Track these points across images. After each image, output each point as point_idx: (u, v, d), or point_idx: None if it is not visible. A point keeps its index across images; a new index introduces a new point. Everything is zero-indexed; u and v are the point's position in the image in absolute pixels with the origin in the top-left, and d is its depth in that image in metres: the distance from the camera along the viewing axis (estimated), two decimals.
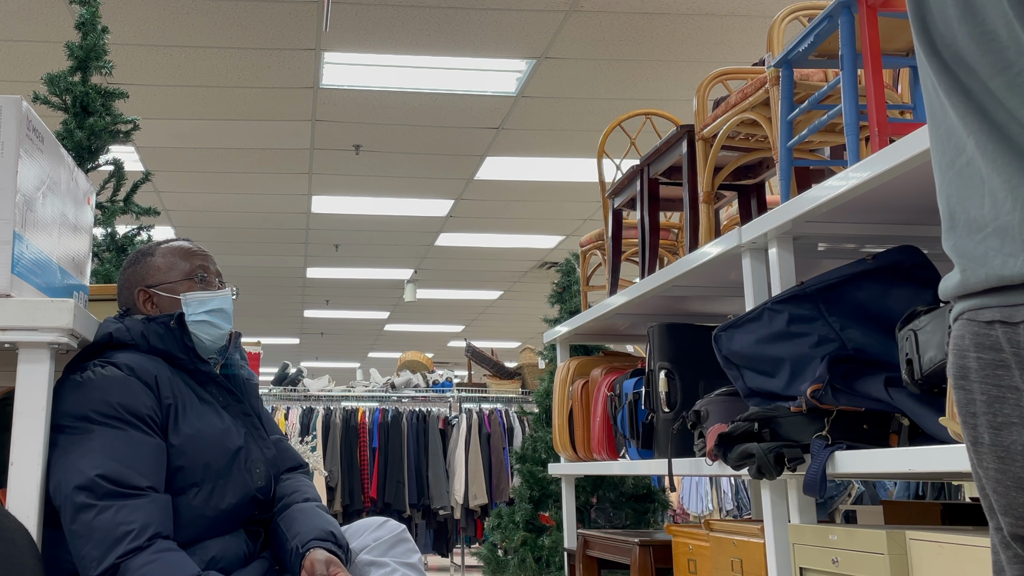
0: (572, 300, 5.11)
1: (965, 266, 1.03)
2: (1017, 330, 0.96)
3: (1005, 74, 0.98)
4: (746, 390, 2.11)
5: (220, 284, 2.03)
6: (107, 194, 3.43)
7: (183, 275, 1.98)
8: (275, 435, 2.09)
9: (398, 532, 1.95)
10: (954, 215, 1.05)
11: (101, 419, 1.75)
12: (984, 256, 1.00)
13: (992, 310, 0.99)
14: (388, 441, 7.67)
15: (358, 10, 5.14)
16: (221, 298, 1.98)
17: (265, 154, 7.38)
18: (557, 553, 4.45)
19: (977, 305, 1.01)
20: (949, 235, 1.06)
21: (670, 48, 5.62)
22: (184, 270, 1.99)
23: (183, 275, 1.98)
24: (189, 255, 2.02)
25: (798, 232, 2.14)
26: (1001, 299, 0.98)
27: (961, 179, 1.04)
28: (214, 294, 1.98)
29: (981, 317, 1.00)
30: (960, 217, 1.04)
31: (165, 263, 2.00)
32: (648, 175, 3.03)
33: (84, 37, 3.29)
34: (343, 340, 15.76)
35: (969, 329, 1.02)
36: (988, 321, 0.99)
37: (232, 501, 1.85)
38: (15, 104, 1.68)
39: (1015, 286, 0.97)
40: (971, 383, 1.01)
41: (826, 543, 1.88)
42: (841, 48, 1.96)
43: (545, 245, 9.99)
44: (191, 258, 2.01)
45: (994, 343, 0.98)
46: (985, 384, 1.00)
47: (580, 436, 3.36)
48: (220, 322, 1.96)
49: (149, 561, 1.65)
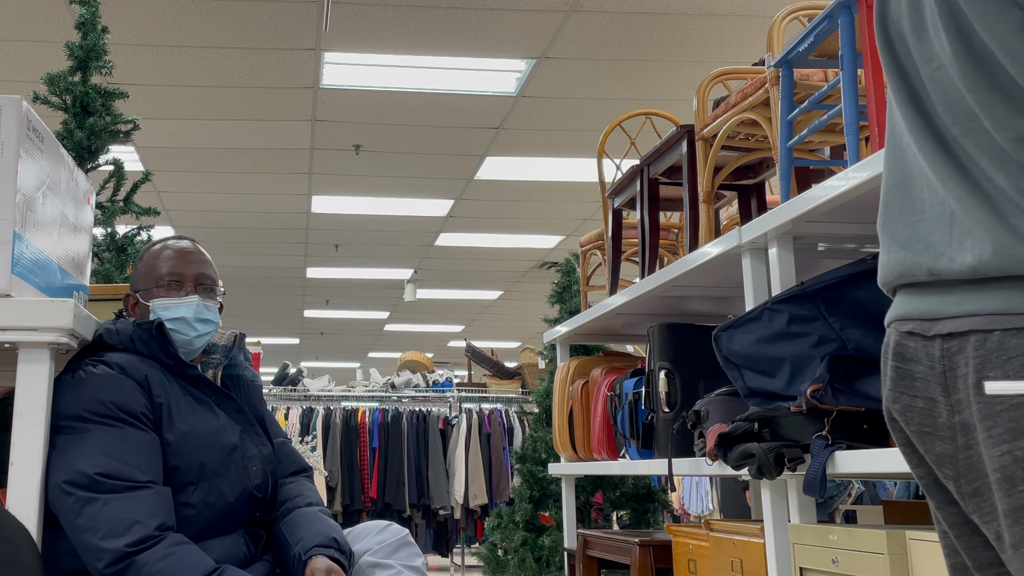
0: (572, 300, 5.11)
1: (889, 248, 1.06)
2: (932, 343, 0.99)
3: (928, 66, 1.01)
4: (746, 390, 2.11)
5: (191, 290, 1.98)
6: (107, 194, 3.43)
7: (155, 282, 1.98)
8: (279, 438, 2.09)
9: (402, 536, 1.96)
10: (889, 196, 1.08)
11: (95, 418, 1.76)
12: (908, 241, 1.02)
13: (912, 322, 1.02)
14: (388, 441, 7.67)
15: (358, 10, 5.14)
16: (185, 306, 1.95)
17: (265, 154, 7.38)
18: (557, 553, 4.45)
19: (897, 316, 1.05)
20: (882, 214, 1.09)
21: (670, 48, 5.62)
22: (156, 276, 1.98)
23: (155, 282, 1.98)
24: (166, 259, 1.99)
25: (798, 232, 2.14)
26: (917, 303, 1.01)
27: (900, 162, 1.07)
28: (179, 301, 1.95)
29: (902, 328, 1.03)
30: (894, 199, 1.07)
31: (145, 268, 2.00)
32: (648, 175, 3.03)
33: (84, 37, 3.29)
34: (343, 340, 15.76)
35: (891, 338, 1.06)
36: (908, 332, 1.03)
37: (230, 499, 1.86)
38: (15, 104, 1.68)
39: (932, 283, 1.00)
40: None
41: (826, 543, 1.88)
42: (841, 48, 1.96)
43: (545, 245, 9.99)
44: (167, 263, 1.99)
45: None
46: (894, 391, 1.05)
47: (580, 436, 3.36)
48: (182, 329, 1.95)
49: (166, 555, 1.66)
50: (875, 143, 1.86)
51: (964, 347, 0.93)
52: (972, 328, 0.93)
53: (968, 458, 0.95)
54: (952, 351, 0.95)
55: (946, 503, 1.03)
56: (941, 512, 1.04)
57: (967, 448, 0.94)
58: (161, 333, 1.89)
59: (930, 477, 1.04)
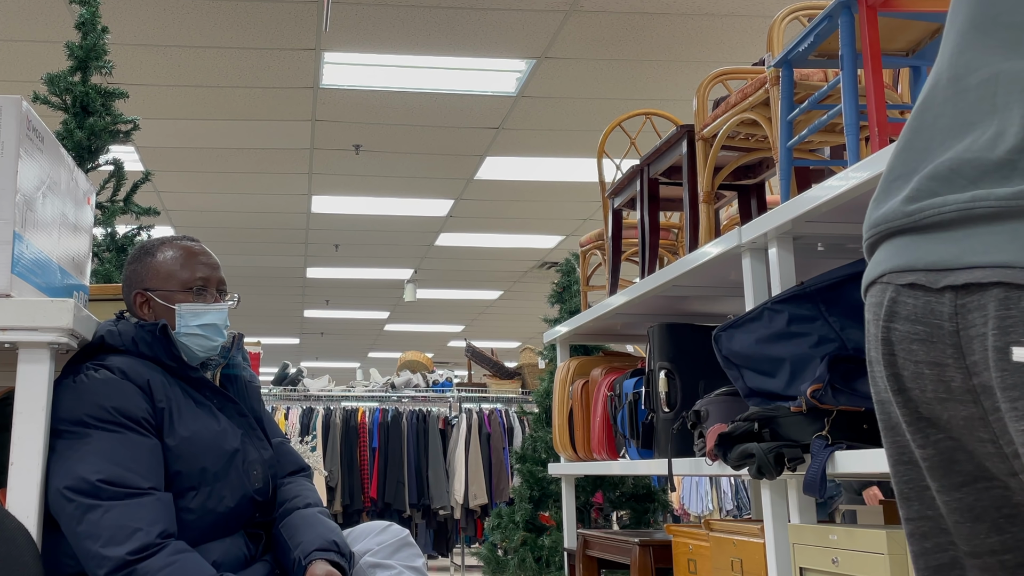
0: (572, 300, 5.11)
1: (890, 190, 0.96)
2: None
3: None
4: (746, 390, 2.11)
5: (218, 296, 1.99)
6: (107, 194, 3.43)
7: (181, 285, 1.96)
8: (277, 438, 2.09)
9: (402, 536, 1.96)
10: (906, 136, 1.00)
11: (97, 423, 1.75)
12: (921, 162, 0.93)
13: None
14: (388, 441, 7.67)
15: (358, 10, 5.14)
16: (215, 312, 1.95)
17: (265, 154, 7.38)
18: (557, 553, 4.45)
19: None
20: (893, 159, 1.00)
21: (670, 48, 5.62)
22: (182, 280, 1.96)
23: (181, 285, 1.96)
24: (191, 264, 1.98)
25: (798, 232, 2.14)
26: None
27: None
28: (208, 307, 1.95)
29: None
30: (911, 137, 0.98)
31: (165, 269, 1.97)
32: (648, 175, 3.03)
33: (84, 37, 3.29)
34: (343, 340, 15.76)
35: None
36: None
37: (230, 504, 1.85)
38: (15, 104, 1.68)
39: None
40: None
41: (826, 543, 1.88)
42: (841, 48, 1.96)
43: (545, 245, 9.99)
44: (192, 268, 1.98)
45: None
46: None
47: (580, 436, 3.36)
48: (212, 335, 1.95)
49: (168, 563, 1.65)
50: (875, 143, 1.86)
51: (984, 303, 0.80)
52: (998, 280, 0.79)
53: (999, 419, 0.83)
54: (969, 307, 0.81)
55: (954, 486, 0.91)
56: (946, 495, 0.92)
57: (996, 411, 0.83)
58: (164, 335, 1.89)
59: (940, 456, 0.91)
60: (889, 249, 0.91)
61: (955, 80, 0.92)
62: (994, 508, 0.91)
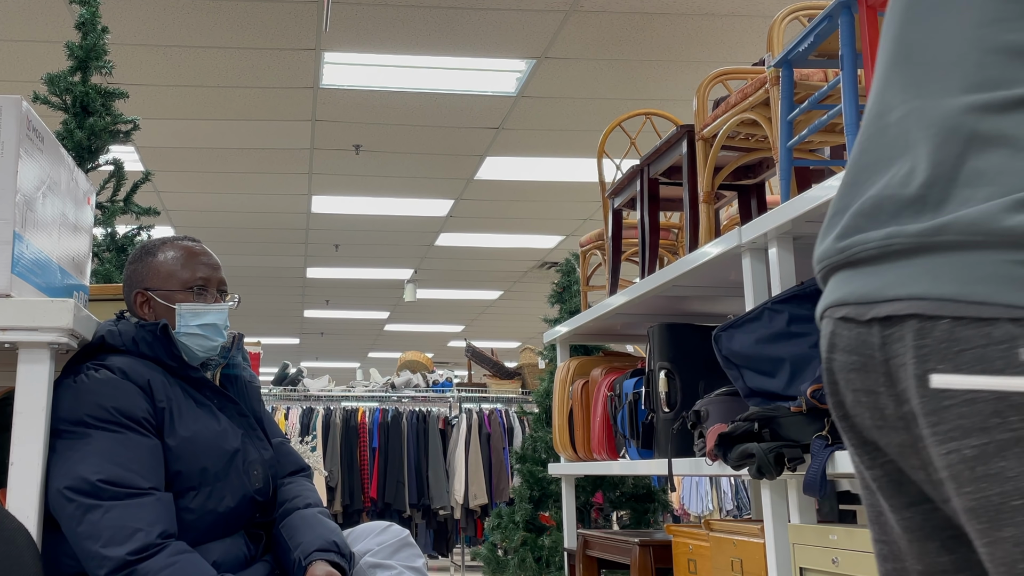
0: (572, 300, 5.11)
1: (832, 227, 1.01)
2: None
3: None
4: (746, 390, 2.11)
5: (219, 296, 2.00)
6: (107, 194, 3.43)
7: (181, 285, 1.96)
8: (277, 438, 2.09)
9: (402, 537, 1.96)
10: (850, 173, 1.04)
11: (97, 423, 1.75)
12: (858, 204, 0.97)
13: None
14: (388, 441, 7.67)
15: (358, 10, 5.14)
16: (216, 312, 1.96)
17: (265, 154, 7.38)
18: (557, 553, 4.45)
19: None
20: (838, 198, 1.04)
21: (670, 48, 5.62)
22: (183, 280, 1.96)
23: (181, 285, 1.96)
24: (191, 264, 1.98)
25: (798, 232, 2.14)
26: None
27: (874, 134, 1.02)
28: (208, 307, 1.95)
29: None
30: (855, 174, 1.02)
31: (166, 269, 1.97)
32: (648, 175, 3.03)
33: (84, 37, 3.29)
34: (343, 340, 15.76)
35: None
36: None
37: (231, 504, 1.85)
38: (15, 104, 1.68)
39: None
40: None
41: (826, 543, 1.88)
42: (841, 48, 1.96)
43: (545, 245, 9.99)
44: (193, 268, 1.98)
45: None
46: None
47: (580, 436, 3.36)
48: (212, 335, 1.95)
49: (168, 564, 1.65)
50: None
51: (903, 334, 0.85)
52: (914, 312, 0.84)
53: (925, 447, 0.87)
54: (892, 338, 0.86)
55: (903, 506, 0.95)
56: (896, 515, 0.96)
57: (922, 438, 0.87)
58: (165, 335, 1.89)
59: (888, 477, 0.96)
60: (831, 284, 0.96)
61: (878, 117, 0.97)
62: (940, 528, 0.94)
